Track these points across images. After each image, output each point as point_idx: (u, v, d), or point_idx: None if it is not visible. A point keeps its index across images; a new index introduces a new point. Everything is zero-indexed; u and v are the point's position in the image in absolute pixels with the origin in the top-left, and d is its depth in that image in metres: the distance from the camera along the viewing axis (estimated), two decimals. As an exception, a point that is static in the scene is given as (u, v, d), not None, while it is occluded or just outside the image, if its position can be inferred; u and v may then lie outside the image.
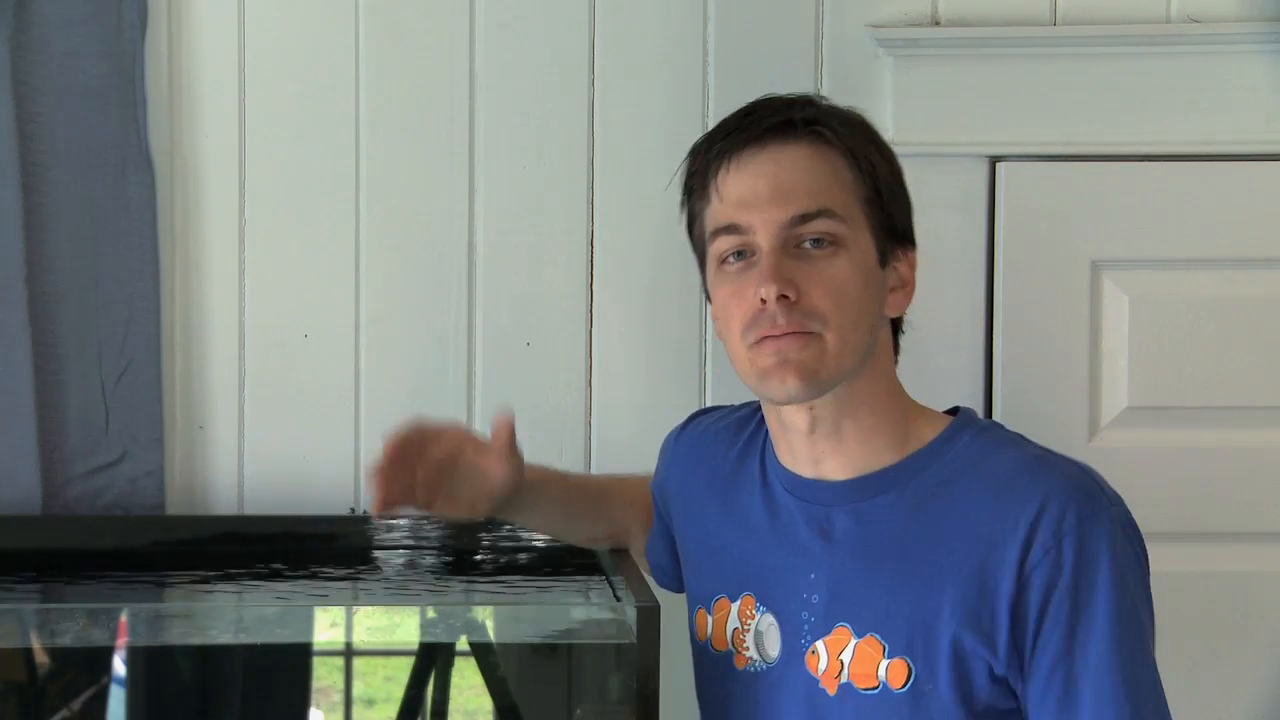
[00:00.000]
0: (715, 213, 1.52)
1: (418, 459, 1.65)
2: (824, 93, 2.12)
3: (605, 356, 2.17)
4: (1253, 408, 2.12)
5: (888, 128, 2.12)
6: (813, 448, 1.55)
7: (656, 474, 1.81)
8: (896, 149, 2.09)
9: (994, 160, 2.13)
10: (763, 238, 1.48)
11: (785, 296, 1.46)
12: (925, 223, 2.09)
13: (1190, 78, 2.10)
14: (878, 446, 1.53)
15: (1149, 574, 1.48)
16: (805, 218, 1.48)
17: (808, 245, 1.48)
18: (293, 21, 2.14)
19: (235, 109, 2.14)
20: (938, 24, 2.13)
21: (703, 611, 1.65)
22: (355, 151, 2.15)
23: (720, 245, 1.52)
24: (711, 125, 2.05)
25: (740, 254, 1.51)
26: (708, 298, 1.59)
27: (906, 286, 1.56)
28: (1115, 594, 1.43)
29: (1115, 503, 1.47)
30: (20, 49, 2.07)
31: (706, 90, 2.15)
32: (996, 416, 2.10)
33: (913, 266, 1.56)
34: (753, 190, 1.49)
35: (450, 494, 1.66)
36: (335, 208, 2.15)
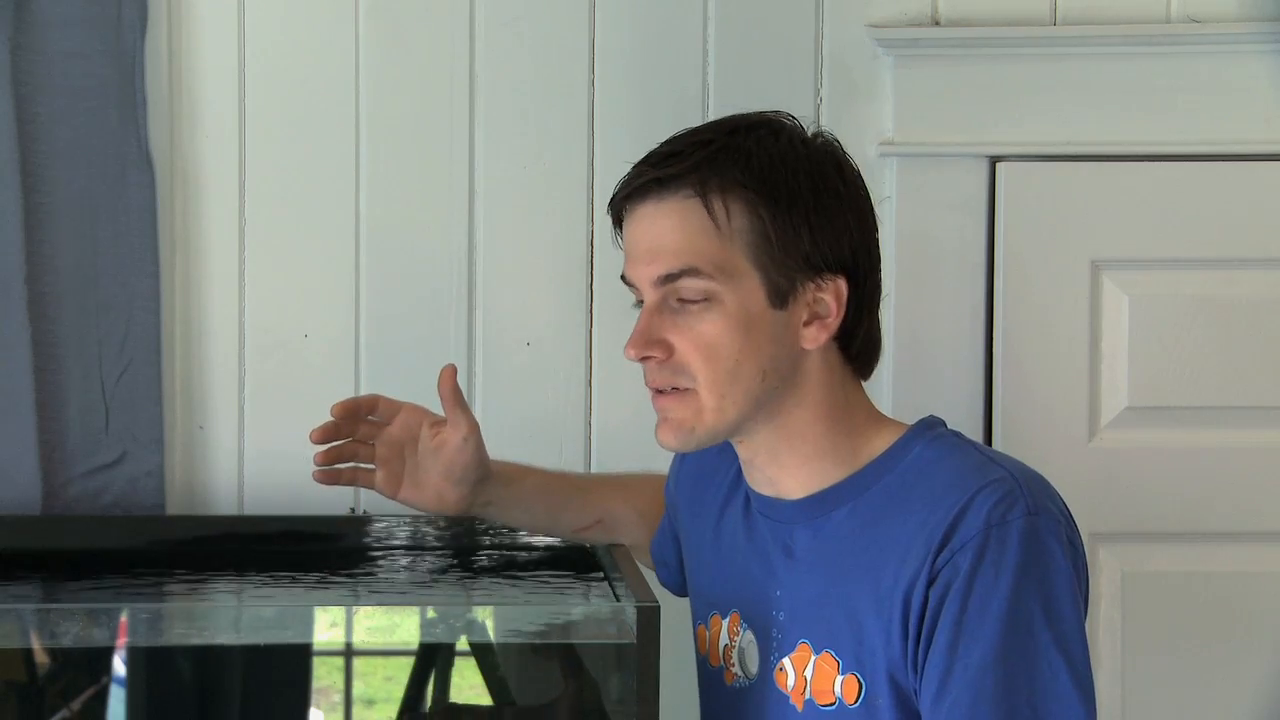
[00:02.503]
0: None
1: (375, 436, 1.73)
2: (824, 93, 2.13)
3: (605, 356, 2.17)
4: (1253, 408, 2.12)
5: (888, 128, 2.12)
6: (761, 472, 1.56)
7: (668, 482, 1.81)
8: (896, 149, 2.11)
9: (994, 160, 2.13)
10: (645, 294, 1.52)
11: (651, 357, 1.50)
12: (925, 223, 2.11)
13: (1190, 78, 2.10)
14: (826, 465, 1.53)
15: (1069, 592, 1.42)
16: (669, 278, 1.49)
17: (684, 300, 1.49)
18: (293, 21, 2.15)
19: (235, 109, 2.14)
20: (938, 24, 2.13)
21: (702, 627, 1.67)
22: (355, 152, 2.15)
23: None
24: (711, 125, 2.06)
25: (641, 302, 1.53)
26: None
27: (826, 318, 1.51)
28: (1010, 605, 1.38)
29: (1036, 511, 1.42)
30: (20, 49, 2.07)
31: (706, 90, 2.15)
32: (996, 417, 2.10)
33: (839, 296, 1.51)
34: (634, 246, 1.53)
35: (414, 478, 1.72)
36: (335, 208, 2.15)
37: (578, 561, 1.97)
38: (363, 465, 1.74)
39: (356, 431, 1.74)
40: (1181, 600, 2.08)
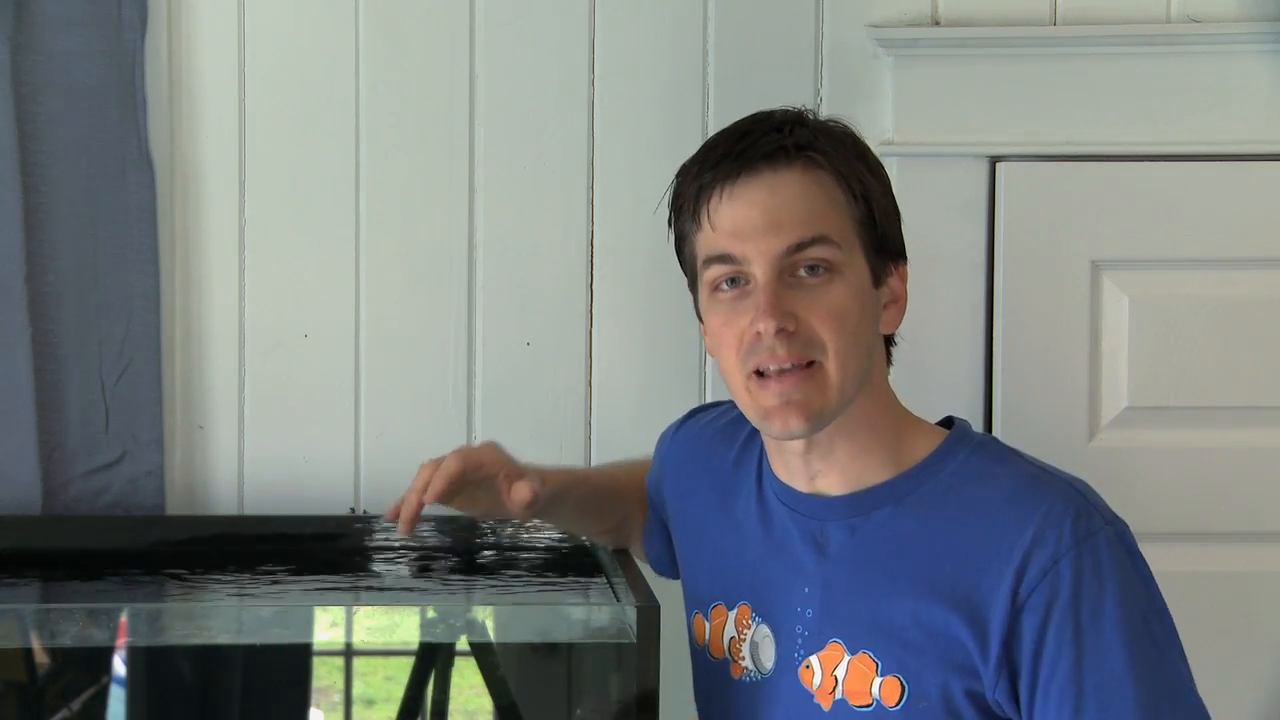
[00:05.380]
0: (707, 240, 1.51)
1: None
2: (824, 93, 2.13)
3: (605, 356, 2.17)
4: (1253, 408, 2.12)
5: (888, 128, 2.12)
6: (807, 466, 1.55)
7: (652, 470, 1.81)
8: (896, 149, 2.11)
9: (994, 160, 2.13)
10: (758, 268, 1.47)
11: (784, 329, 1.46)
12: (925, 223, 2.10)
13: (1190, 78, 2.10)
14: (872, 462, 1.53)
15: (1157, 589, 1.47)
16: (800, 246, 1.46)
17: (803, 273, 1.47)
18: (293, 21, 2.15)
19: (235, 109, 2.14)
20: (938, 24, 2.13)
21: (700, 617, 1.65)
22: (355, 151, 2.15)
23: (713, 273, 1.50)
24: (712, 126, 2.07)
25: (734, 280, 1.50)
26: (699, 319, 1.58)
27: (899, 301, 1.55)
28: (1123, 610, 1.41)
29: (1111, 521, 1.46)
30: (20, 49, 2.07)
31: (706, 90, 2.15)
32: (996, 417, 2.10)
33: (904, 279, 1.55)
34: (747, 220, 1.47)
35: (469, 498, 1.63)
36: (335, 208, 2.15)
37: (578, 562, 1.97)
38: None
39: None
40: (1181, 600, 2.06)
